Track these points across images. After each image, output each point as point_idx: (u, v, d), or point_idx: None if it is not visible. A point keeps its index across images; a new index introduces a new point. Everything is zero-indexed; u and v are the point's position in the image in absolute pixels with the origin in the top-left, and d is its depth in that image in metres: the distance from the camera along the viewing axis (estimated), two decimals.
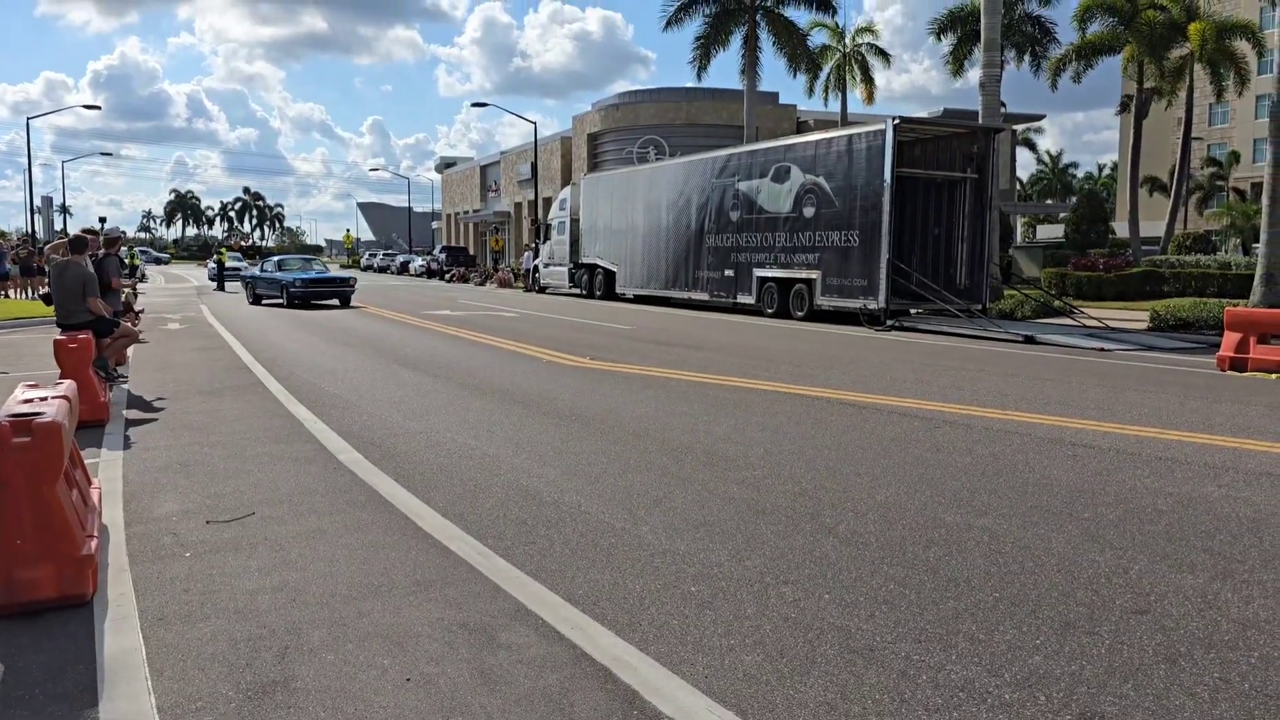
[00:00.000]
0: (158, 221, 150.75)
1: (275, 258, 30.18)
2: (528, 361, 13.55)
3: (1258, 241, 20.20)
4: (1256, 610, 4.16)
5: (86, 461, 6.12)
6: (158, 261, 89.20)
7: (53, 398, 4.81)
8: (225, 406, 9.76)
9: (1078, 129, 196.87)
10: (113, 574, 4.71)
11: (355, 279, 28.41)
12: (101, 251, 12.15)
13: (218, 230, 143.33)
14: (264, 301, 27.64)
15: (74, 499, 4.66)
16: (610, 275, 31.03)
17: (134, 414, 9.37)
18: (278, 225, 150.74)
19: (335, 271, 28.91)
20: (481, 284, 45.14)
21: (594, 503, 5.96)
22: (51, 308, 10.89)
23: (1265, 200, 18.64)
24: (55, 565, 4.26)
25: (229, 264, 43.05)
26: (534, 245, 40.40)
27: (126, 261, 26.13)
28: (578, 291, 33.56)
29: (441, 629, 4.01)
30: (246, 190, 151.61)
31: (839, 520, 5.54)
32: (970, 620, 4.06)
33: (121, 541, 5.23)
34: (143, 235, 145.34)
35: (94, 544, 4.55)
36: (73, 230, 13.16)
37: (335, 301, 26.99)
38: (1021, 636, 3.89)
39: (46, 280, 16.90)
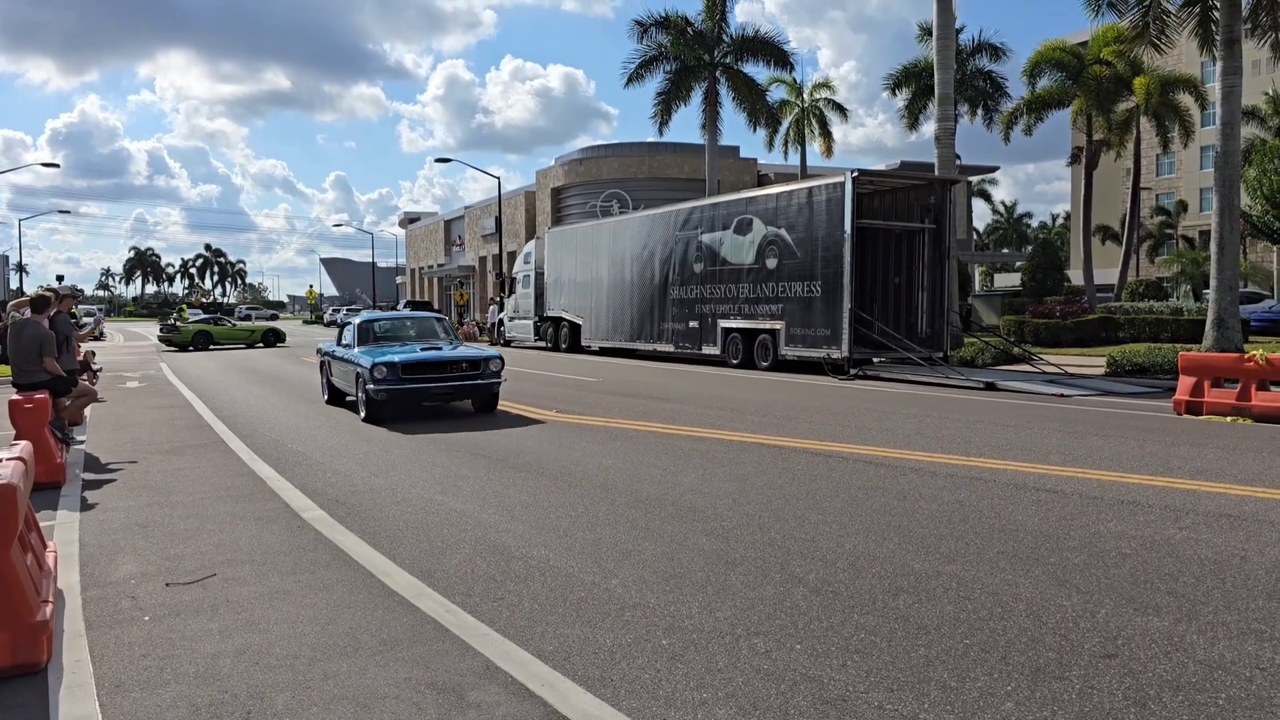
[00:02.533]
0: (117, 279, 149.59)
1: (362, 316, 15.70)
2: (494, 415, 13.48)
3: (1208, 288, 20.69)
4: (1222, 651, 4.20)
5: (42, 524, 5.98)
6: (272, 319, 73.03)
7: (7, 459, 4.72)
8: (186, 465, 9.60)
9: (1030, 180, 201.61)
10: (68, 640, 4.59)
11: (500, 357, 13.98)
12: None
13: (178, 287, 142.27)
14: (348, 400, 14.81)
15: (29, 563, 4.54)
16: (575, 328, 31.08)
17: (91, 475, 9.18)
18: (239, 281, 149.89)
19: (460, 347, 14.53)
20: None
21: (563, 557, 5.91)
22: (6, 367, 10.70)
23: (1214, 248, 19.14)
24: (8, 632, 4.14)
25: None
26: (499, 299, 40.42)
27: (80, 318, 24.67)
28: (543, 344, 33.55)
29: (409, 689, 3.94)
30: (208, 247, 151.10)
31: (808, 569, 5.53)
32: (942, 668, 4.06)
33: (78, 606, 5.10)
34: (101, 293, 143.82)
35: (49, 609, 4.44)
36: (29, 289, 13.00)
37: (467, 403, 14.26)
38: (993, 683, 3.90)
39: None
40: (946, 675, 3.98)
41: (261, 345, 36.60)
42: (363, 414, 13.21)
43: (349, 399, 14.63)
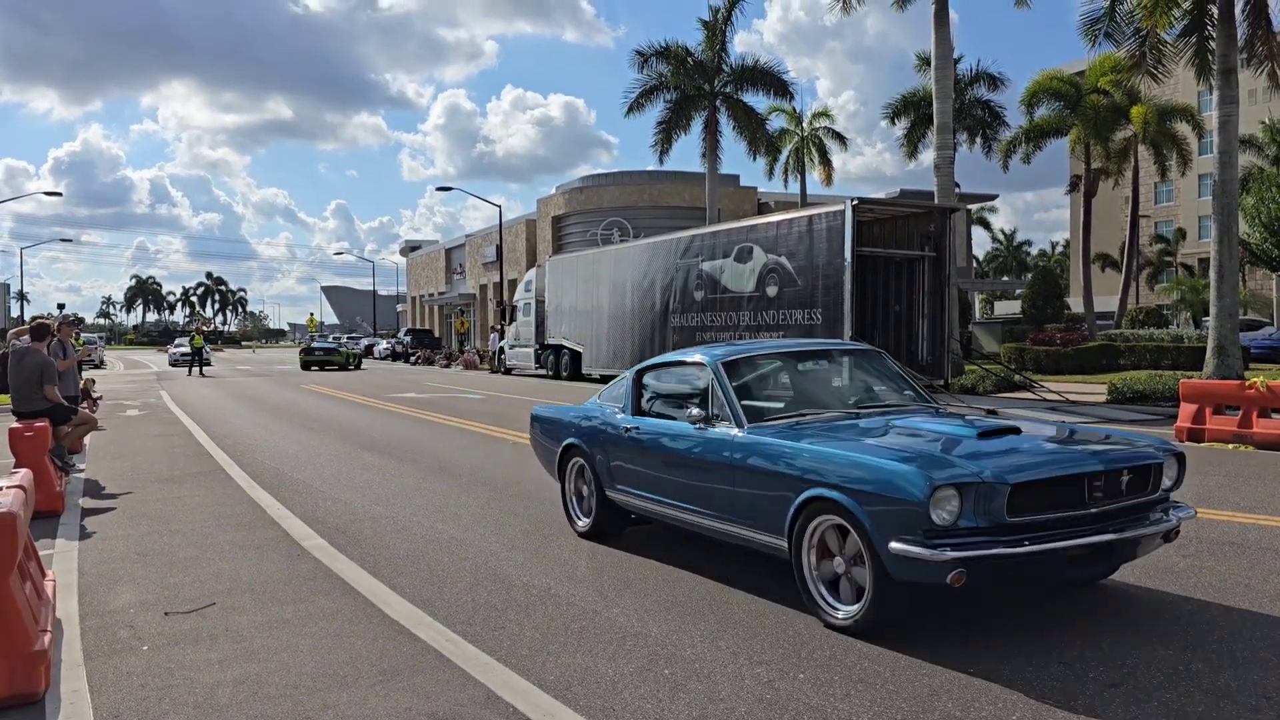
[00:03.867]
0: (118, 307, 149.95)
1: (738, 350, 6.39)
2: (494, 443, 13.46)
3: (1208, 315, 20.71)
4: (1228, 680, 4.17)
5: (41, 553, 5.95)
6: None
7: (8, 487, 4.71)
8: (185, 494, 9.57)
9: (1029, 208, 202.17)
10: (66, 670, 4.56)
11: (1180, 454, 5.46)
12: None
13: (179, 315, 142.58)
14: (633, 520, 7.09)
15: (28, 592, 4.52)
16: (576, 355, 31.08)
17: (90, 503, 9.15)
18: (240, 310, 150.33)
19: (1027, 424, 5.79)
20: (447, 366, 45.01)
21: (565, 585, 5.88)
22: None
23: (1213, 275, 19.17)
24: (6, 661, 4.12)
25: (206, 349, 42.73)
26: (500, 327, 40.50)
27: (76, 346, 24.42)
28: (544, 372, 33.55)
29: None
30: (209, 275, 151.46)
31: None
32: (946, 698, 4.03)
33: (76, 636, 5.07)
34: (102, 321, 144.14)
35: (47, 639, 4.41)
36: (30, 317, 13.03)
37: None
38: (998, 713, 3.87)
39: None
40: (951, 705, 3.95)
41: (355, 368, 44.17)
42: (842, 614, 4.92)
43: (635, 518, 7.04)
